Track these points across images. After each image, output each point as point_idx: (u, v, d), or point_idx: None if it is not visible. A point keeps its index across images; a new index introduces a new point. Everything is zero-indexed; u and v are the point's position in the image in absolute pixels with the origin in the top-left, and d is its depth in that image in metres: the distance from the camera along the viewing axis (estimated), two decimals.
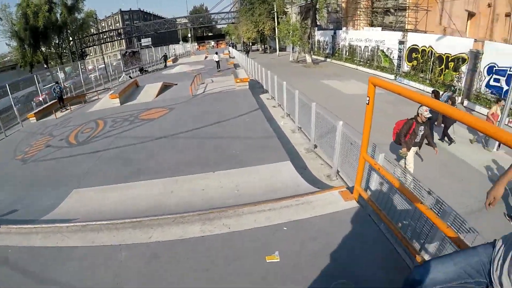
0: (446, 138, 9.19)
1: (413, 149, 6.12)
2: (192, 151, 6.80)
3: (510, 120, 9.09)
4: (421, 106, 5.50)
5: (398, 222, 3.23)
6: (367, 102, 2.80)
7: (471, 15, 24.06)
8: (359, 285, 2.41)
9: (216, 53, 23.88)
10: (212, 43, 64.63)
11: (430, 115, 5.62)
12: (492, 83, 14.56)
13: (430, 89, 15.46)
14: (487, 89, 14.76)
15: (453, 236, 2.05)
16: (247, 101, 11.25)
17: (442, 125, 9.43)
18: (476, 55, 15.10)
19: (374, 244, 2.86)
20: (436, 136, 8.97)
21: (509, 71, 11.59)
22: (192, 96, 12.97)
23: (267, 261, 2.66)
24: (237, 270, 2.60)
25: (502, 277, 1.46)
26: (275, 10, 35.14)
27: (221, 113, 9.74)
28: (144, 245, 3.04)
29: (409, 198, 2.43)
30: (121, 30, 49.85)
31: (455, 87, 15.60)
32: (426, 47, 18.14)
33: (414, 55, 19.08)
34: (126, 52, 27.57)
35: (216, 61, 23.00)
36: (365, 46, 23.61)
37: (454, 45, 16.34)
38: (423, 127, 5.89)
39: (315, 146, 6.89)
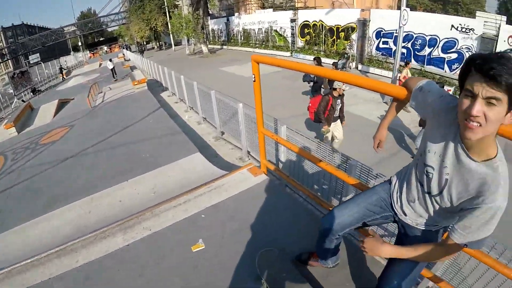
0: None
1: (335, 123, 6.19)
2: (102, 164, 6.46)
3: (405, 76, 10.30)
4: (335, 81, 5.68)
5: (311, 184, 3.54)
6: (254, 79, 2.92)
7: None
8: (284, 247, 2.58)
9: (110, 60, 21.52)
10: (105, 48, 60.31)
11: (347, 88, 5.77)
12: (381, 45, 16.44)
13: (324, 60, 16.73)
14: (378, 52, 16.65)
15: (355, 183, 2.30)
16: (148, 102, 10.90)
17: (329, 87, 10.40)
18: (364, 23, 16.81)
19: (289, 209, 3.07)
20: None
21: (395, 33, 12.91)
22: (92, 108, 12.14)
23: (194, 250, 2.70)
24: (169, 267, 2.60)
25: (403, 207, 1.63)
26: (166, 4, 33.97)
27: (124, 119, 9.33)
28: (73, 271, 2.83)
29: (311, 160, 2.65)
30: (5, 50, 43.36)
31: (348, 54, 17.12)
32: (317, 21, 19.42)
33: (306, 30, 20.31)
34: (14, 74, 24.03)
35: (111, 69, 20.64)
36: (258, 29, 24.41)
37: (343, 16, 17.92)
38: (339, 100, 5.97)
39: (222, 133, 7.04)
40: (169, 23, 32.51)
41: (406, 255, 1.49)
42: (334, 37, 18.46)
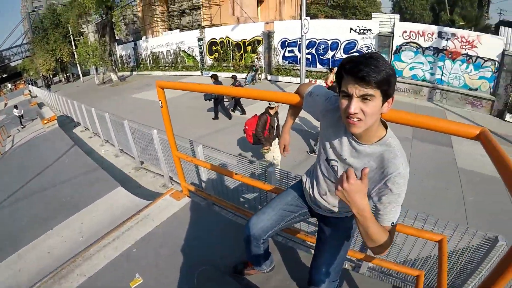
0: (238, 108, 11.50)
1: (275, 142, 5.96)
2: (22, 216, 5.93)
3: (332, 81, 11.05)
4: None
5: (236, 198, 3.65)
6: (161, 105, 2.95)
7: (260, 1, 27.35)
8: (218, 264, 2.65)
9: (16, 107, 17.50)
10: (9, 85, 54.28)
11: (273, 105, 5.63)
12: (287, 54, 17.48)
13: (238, 75, 17.29)
14: (284, 61, 17.67)
15: (270, 188, 2.45)
16: (61, 141, 10.21)
17: (232, 99, 11.50)
18: (269, 35, 17.76)
19: (218, 226, 3.16)
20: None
21: (299, 41, 13.64)
22: (1, 155, 11.15)
23: (133, 287, 2.63)
24: None
25: (317, 201, 1.74)
26: (71, 33, 31.74)
27: (38, 163, 8.63)
28: None
29: (227, 174, 2.76)
30: None
31: (257, 66, 17.83)
32: (223, 38, 19.91)
33: (214, 48, 20.66)
34: None
35: (18, 116, 16.75)
36: (167, 51, 24.18)
37: (248, 31, 18.71)
38: (276, 118, 5.83)
39: (142, 162, 6.91)
40: (75, 52, 30.43)
41: (369, 224, 1.24)
42: (242, 51, 19.13)
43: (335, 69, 10.59)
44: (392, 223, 1.34)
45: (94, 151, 9.48)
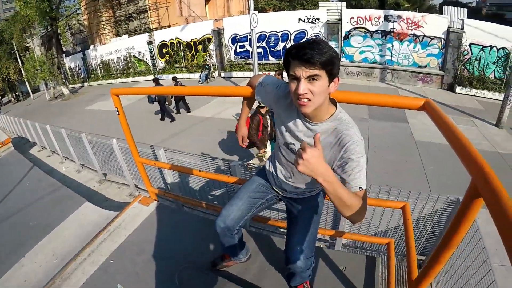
0: (183, 106, 11.95)
1: (268, 143, 5.62)
2: None
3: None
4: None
5: (206, 196, 3.65)
6: (117, 112, 2.91)
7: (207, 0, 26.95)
8: (197, 261, 2.68)
9: None
10: None
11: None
12: (238, 50, 17.52)
13: (188, 75, 17.08)
14: (236, 56, 17.70)
15: (235, 180, 2.49)
16: (19, 164, 9.63)
17: (174, 100, 11.89)
18: (218, 32, 17.72)
19: (191, 225, 3.18)
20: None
21: (249, 35, 13.86)
22: None
23: None
24: None
25: (282, 185, 1.84)
26: (16, 49, 29.76)
27: None
28: None
29: (190, 172, 2.77)
30: None
31: (209, 65, 17.74)
32: (173, 39, 19.60)
33: (164, 50, 20.31)
34: None
35: None
36: (117, 58, 23.42)
37: (198, 30, 18.59)
38: (268, 117, 5.43)
39: (105, 175, 6.77)
40: (22, 69, 28.60)
41: (339, 190, 1.24)
42: (193, 51, 18.96)
43: None
44: (360, 187, 1.36)
45: (55, 169, 9.11)
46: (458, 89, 13.11)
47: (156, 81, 11.70)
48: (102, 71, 25.47)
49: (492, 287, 2.51)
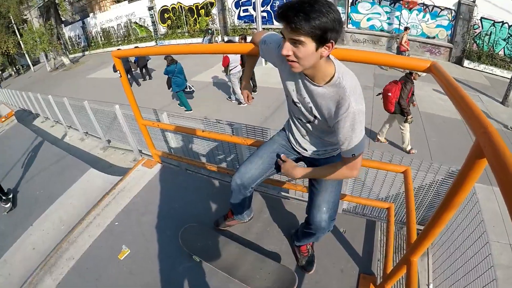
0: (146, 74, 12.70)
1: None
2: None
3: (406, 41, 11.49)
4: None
5: (213, 159, 3.67)
6: (119, 75, 2.89)
7: None
8: (201, 220, 2.73)
9: None
10: None
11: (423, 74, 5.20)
12: (242, 14, 17.04)
13: (190, 41, 16.65)
14: (240, 20, 17.23)
15: (251, 142, 2.51)
16: (23, 136, 9.69)
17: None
18: None
19: (195, 187, 3.23)
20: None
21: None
22: None
23: (121, 258, 2.68)
24: (106, 285, 2.55)
25: (302, 144, 1.82)
26: (14, 22, 29.17)
27: (4, 163, 8.18)
28: None
29: (191, 133, 2.78)
30: None
31: (212, 29, 17.36)
32: (175, 4, 19.06)
33: (166, 15, 19.85)
34: None
35: None
36: (117, 25, 22.98)
37: None
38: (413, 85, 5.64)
39: (109, 141, 6.80)
40: (21, 42, 28.21)
41: (314, 174, 1.69)
42: (195, 15, 18.51)
43: (409, 30, 10.71)
44: (353, 154, 1.44)
45: (59, 139, 9.19)
46: (466, 63, 12.85)
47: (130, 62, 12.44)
48: (103, 39, 25.12)
49: (488, 260, 2.57)
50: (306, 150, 1.85)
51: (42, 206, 5.14)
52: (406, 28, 11.51)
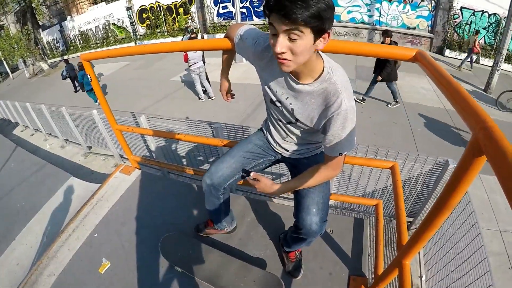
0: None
1: None
2: None
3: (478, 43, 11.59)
4: None
5: (194, 162, 3.54)
6: (90, 79, 2.74)
7: None
8: (181, 228, 2.61)
9: None
10: None
11: None
12: (221, 11, 16.97)
13: (170, 40, 16.48)
14: (219, 18, 17.15)
15: (225, 143, 2.40)
16: (2, 146, 9.47)
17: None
18: None
19: (175, 192, 3.10)
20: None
21: None
22: None
23: (102, 272, 2.56)
24: None
25: (282, 145, 1.72)
26: None
27: None
28: None
29: (167, 136, 2.66)
30: None
31: (191, 28, 17.20)
32: (153, 3, 18.87)
33: (144, 15, 19.65)
34: None
35: None
36: (96, 27, 22.58)
37: None
38: None
39: (90, 147, 6.65)
40: None
41: (295, 186, 1.59)
42: (174, 14, 18.35)
43: (479, 33, 11.33)
44: (341, 153, 1.39)
45: (39, 147, 8.98)
46: (447, 52, 13.00)
47: (66, 61, 13.90)
48: (81, 42, 24.59)
49: (481, 251, 2.53)
50: (287, 151, 1.75)
51: (25, 218, 5.06)
52: (477, 32, 11.65)
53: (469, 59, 11.59)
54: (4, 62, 29.63)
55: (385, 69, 7.02)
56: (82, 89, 11.31)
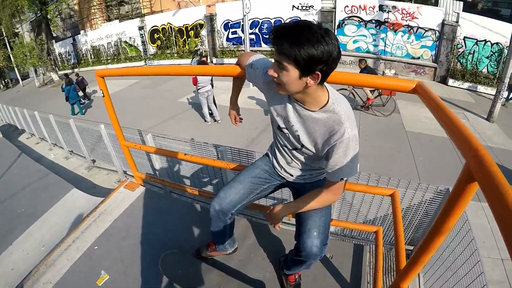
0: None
1: None
2: None
3: None
4: None
5: (197, 183, 3.58)
6: (102, 95, 2.82)
7: None
8: (182, 246, 2.63)
9: None
10: None
11: None
12: (231, 36, 17.34)
13: (179, 62, 16.79)
14: (228, 42, 17.52)
15: (234, 167, 2.44)
16: (6, 151, 9.51)
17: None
18: (211, 18, 17.52)
19: (178, 211, 3.13)
20: None
21: (242, 22, 13.49)
22: None
23: (100, 284, 2.56)
24: None
25: (287, 170, 1.76)
26: (5, 35, 28.82)
27: None
28: None
29: (173, 155, 2.71)
30: None
31: (201, 51, 17.55)
32: (165, 25, 19.34)
33: (156, 35, 20.04)
34: None
35: None
36: (108, 43, 22.99)
37: (190, 15, 18.38)
38: None
39: (94, 161, 6.71)
40: (11, 55, 27.83)
41: (301, 207, 1.61)
42: (185, 36, 18.78)
43: None
44: (342, 178, 1.45)
45: (43, 156, 9.06)
46: (450, 82, 13.16)
47: (67, 75, 14.42)
48: (92, 56, 25.03)
49: (481, 279, 2.52)
50: (292, 176, 1.80)
51: (24, 224, 5.04)
52: None
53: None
54: (16, 69, 30.13)
55: None
56: (67, 100, 12.72)
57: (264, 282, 2.27)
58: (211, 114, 9.59)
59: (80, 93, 14.90)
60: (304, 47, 1.11)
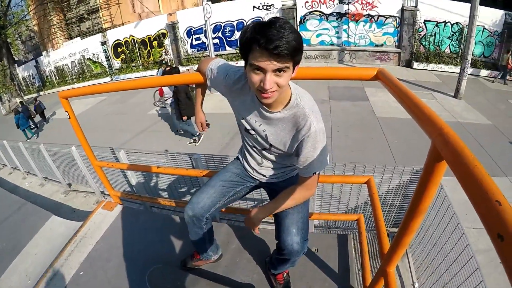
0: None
1: None
2: None
3: None
4: None
5: (176, 194, 3.54)
6: (68, 117, 2.76)
7: None
8: (167, 260, 2.60)
9: None
10: None
11: None
12: (194, 42, 17.28)
13: (145, 74, 16.55)
14: (193, 49, 17.42)
15: (205, 174, 2.44)
16: None
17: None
18: (173, 26, 17.43)
19: (159, 226, 3.09)
20: None
21: (204, 27, 13.54)
22: None
23: None
24: None
25: (259, 171, 1.78)
26: None
27: None
28: None
29: (146, 170, 2.67)
30: None
31: (166, 60, 17.40)
32: (127, 38, 19.02)
33: (119, 49, 19.77)
34: None
35: None
36: (71, 62, 22.46)
37: (152, 26, 18.23)
38: None
39: (70, 185, 6.54)
40: None
41: (277, 207, 1.61)
42: (148, 48, 18.60)
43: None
44: (314, 172, 1.47)
45: (18, 186, 8.73)
46: (415, 65, 13.57)
47: (22, 103, 16.16)
48: (57, 77, 24.36)
49: (467, 250, 2.61)
50: (264, 176, 1.81)
51: (7, 259, 4.80)
52: (508, 51, 12.12)
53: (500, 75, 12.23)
54: None
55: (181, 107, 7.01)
56: (18, 128, 13.55)
57: (253, 285, 2.27)
58: None
59: (38, 118, 15.84)
60: (296, 40, 1.13)
